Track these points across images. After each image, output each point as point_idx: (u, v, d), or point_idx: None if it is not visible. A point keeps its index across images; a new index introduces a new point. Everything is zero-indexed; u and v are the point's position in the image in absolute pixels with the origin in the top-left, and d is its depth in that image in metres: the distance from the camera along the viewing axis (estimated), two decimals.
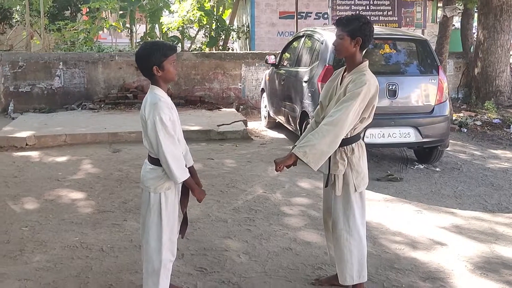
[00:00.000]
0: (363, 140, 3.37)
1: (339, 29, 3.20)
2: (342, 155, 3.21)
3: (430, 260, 3.97)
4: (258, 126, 9.49)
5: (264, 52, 11.77)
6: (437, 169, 6.61)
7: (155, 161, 2.96)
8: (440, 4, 15.32)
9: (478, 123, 9.53)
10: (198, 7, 15.73)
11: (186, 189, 3.07)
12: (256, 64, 11.17)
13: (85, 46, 13.26)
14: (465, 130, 9.10)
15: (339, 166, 3.20)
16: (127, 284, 3.52)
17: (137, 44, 16.41)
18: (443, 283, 3.61)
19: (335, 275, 3.54)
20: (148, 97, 2.94)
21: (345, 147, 3.21)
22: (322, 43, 6.79)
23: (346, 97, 3.09)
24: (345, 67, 3.33)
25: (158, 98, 2.90)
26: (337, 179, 3.22)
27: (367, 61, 3.26)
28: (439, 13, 12.06)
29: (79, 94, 10.57)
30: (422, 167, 6.69)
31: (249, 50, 15.85)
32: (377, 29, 6.36)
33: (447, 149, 7.03)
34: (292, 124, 7.48)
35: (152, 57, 2.89)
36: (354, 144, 3.24)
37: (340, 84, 3.25)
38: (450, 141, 7.07)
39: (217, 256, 3.96)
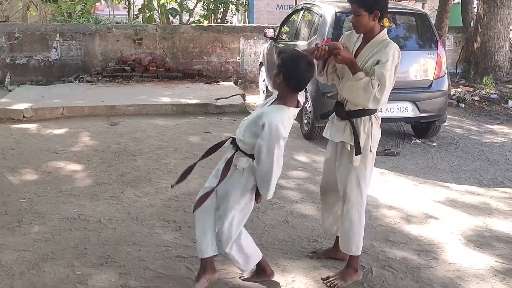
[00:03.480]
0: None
1: (355, 6, 3.08)
2: (364, 126, 3.16)
3: (424, 234, 4.02)
4: (256, 100, 9.47)
5: (263, 25, 11.67)
6: (434, 144, 6.63)
7: None
8: None
9: (476, 98, 9.53)
10: None
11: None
12: (255, 38, 11.09)
13: (82, 18, 13.12)
14: (463, 105, 9.10)
15: (360, 137, 3.14)
16: (125, 255, 3.56)
17: (134, 16, 16.22)
18: (436, 256, 3.66)
19: (332, 248, 3.60)
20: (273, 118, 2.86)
21: (366, 117, 3.16)
22: (321, 17, 6.73)
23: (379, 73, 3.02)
24: (351, 31, 3.24)
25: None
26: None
27: (385, 28, 3.16)
28: None
29: (76, 67, 10.51)
30: (419, 142, 6.71)
31: (248, 23, 15.73)
32: None
33: (445, 124, 7.04)
34: None
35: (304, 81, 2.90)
36: (373, 114, 3.20)
37: (358, 55, 3.16)
38: (447, 116, 7.09)
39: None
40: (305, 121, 6.71)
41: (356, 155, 3.16)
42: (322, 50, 3.06)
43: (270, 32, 8.60)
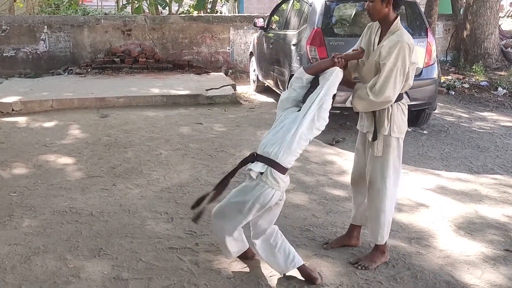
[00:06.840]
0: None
1: None
2: (388, 114, 3.16)
3: (415, 221, 4.05)
4: (247, 90, 9.45)
5: (253, 15, 11.63)
6: (425, 132, 6.66)
7: None
8: None
9: (466, 85, 9.57)
10: None
11: None
12: (245, 28, 11.05)
13: (70, 9, 13.00)
14: (453, 92, 9.13)
15: (383, 127, 3.15)
16: (117, 247, 3.55)
17: (123, 6, 16.10)
18: (428, 243, 3.69)
19: (344, 235, 3.64)
20: None
21: (388, 107, 3.16)
22: (310, 6, 6.71)
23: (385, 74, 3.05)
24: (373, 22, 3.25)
25: None
26: (378, 140, 3.18)
27: (398, 18, 3.15)
28: None
29: (65, 59, 10.43)
30: (409, 129, 6.72)
31: (238, 13, 15.64)
32: None
33: (435, 111, 7.07)
34: (281, 88, 7.46)
35: None
36: (396, 104, 3.19)
37: (377, 46, 3.17)
38: (438, 103, 7.11)
39: (206, 219, 3.99)
40: None
41: (372, 141, 3.19)
42: (340, 62, 3.09)
43: (260, 22, 8.57)
